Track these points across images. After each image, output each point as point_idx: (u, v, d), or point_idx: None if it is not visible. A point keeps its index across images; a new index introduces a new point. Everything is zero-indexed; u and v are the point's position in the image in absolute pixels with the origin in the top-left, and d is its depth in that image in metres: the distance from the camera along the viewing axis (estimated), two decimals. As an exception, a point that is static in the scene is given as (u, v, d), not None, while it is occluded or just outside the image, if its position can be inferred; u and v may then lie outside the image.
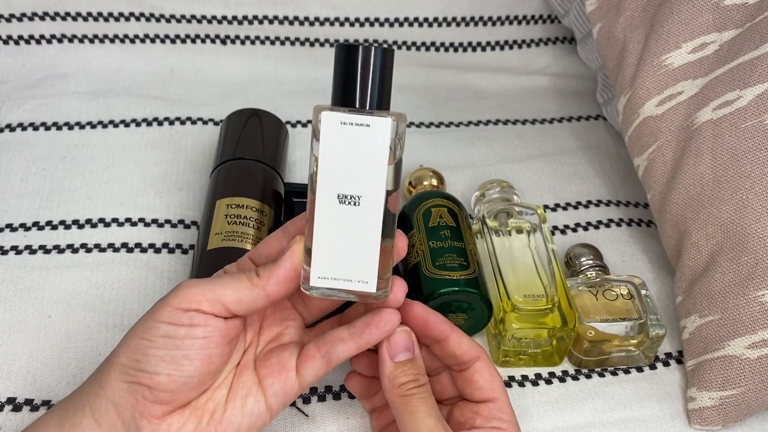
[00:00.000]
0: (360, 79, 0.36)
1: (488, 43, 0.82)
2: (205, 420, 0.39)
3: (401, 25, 0.78)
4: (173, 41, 0.77)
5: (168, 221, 0.61)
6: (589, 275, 0.57)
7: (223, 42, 0.78)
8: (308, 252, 0.39)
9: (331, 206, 0.37)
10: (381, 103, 0.37)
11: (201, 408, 0.40)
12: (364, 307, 0.44)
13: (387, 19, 0.78)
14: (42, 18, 0.74)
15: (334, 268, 0.38)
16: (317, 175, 0.37)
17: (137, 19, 0.75)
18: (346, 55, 0.37)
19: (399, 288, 0.41)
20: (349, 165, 0.36)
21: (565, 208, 0.68)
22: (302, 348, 0.42)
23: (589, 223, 0.66)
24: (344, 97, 0.37)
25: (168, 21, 0.76)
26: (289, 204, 0.60)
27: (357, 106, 0.37)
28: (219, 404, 0.40)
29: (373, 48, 0.36)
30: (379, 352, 0.42)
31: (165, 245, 0.59)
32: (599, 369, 0.54)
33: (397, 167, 0.38)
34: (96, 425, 0.38)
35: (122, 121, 0.71)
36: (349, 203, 0.37)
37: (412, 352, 0.42)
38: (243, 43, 0.78)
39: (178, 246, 0.59)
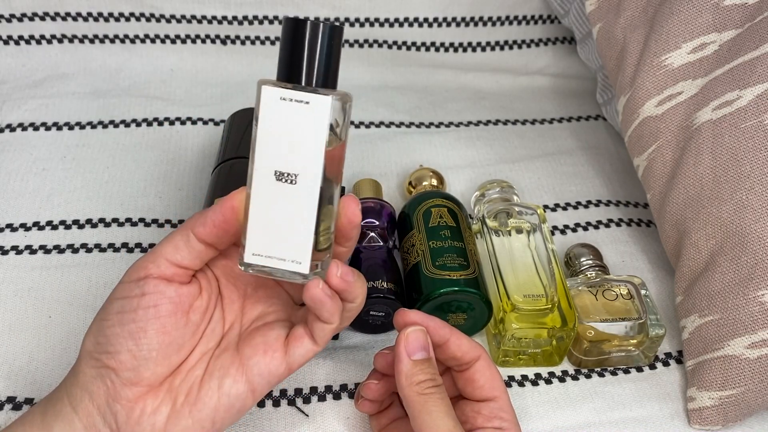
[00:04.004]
0: (306, 55, 0.35)
1: (488, 44, 0.82)
2: (180, 400, 0.39)
3: (401, 25, 0.78)
4: (173, 41, 0.77)
5: (168, 221, 0.61)
6: (588, 275, 0.57)
7: (223, 42, 0.78)
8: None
9: (267, 182, 0.36)
10: (326, 82, 0.36)
11: (176, 389, 0.39)
12: None
13: (387, 19, 0.78)
14: (42, 18, 0.74)
15: (268, 246, 0.37)
16: (254, 151, 0.36)
17: (137, 19, 0.75)
18: (294, 28, 0.35)
19: (333, 268, 0.39)
20: (287, 142, 0.35)
21: (564, 208, 0.68)
22: (291, 327, 0.41)
23: (588, 223, 0.66)
24: (288, 73, 0.36)
25: (168, 21, 0.76)
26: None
27: (301, 83, 0.35)
28: (194, 384, 0.39)
29: (321, 24, 0.35)
30: (396, 349, 0.42)
31: (165, 245, 0.59)
32: (599, 369, 0.54)
33: (340, 148, 0.37)
34: (73, 413, 0.38)
35: (122, 121, 0.71)
36: (286, 181, 0.36)
37: (428, 352, 0.42)
38: (243, 43, 0.78)
39: (178, 246, 0.59)
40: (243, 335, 0.41)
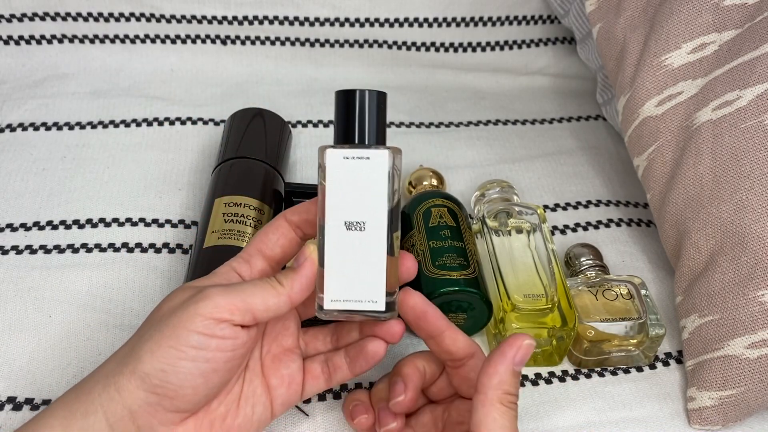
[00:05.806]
0: (358, 119, 0.41)
1: (488, 44, 0.82)
2: (217, 425, 0.40)
3: (401, 25, 0.78)
4: (173, 41, 0.77)
5: (168, 221, 0.61)
6: (588, 275, 0.57)
7: (223, 42, 0.78)
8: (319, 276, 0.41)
9: (339, 233, 0.40)
10: (378, 139, 0.41)
11: (213, 412, 0.40)
12: (358, 325, 0.46)
13: (387, 19, 0.78)
14: (42, 18, 0.74)
15: (344, 291, 0.41)
16: (325, 206, 0.40)
17: (137, 19, 0.75)
18: (345, 99, 0.41)
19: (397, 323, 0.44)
20: (353, 194, 0.40)
21: (564, 208, 0.68)
22: (305, 360, 0.45)
23: (588, 223, 0.66)
24: (345, 136, 0.41)
25: (168, 21, 0.76)
26: (289, 204, 0.60)
27: (357, 142, 0.41)
28: (230, 409, 0.41)
29: (367, 92, 0.41)
30: (502, 348, 0.40)
31: (165, 245, 0.59)
32: (599, 369, 0.54)
33: (395, 195, 0.41)
34: (109, 430, 0.37)
35: (122, 121, 0.71)
36: (355, 229, 0.40)
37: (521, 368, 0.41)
38: (243, 43, 0.78)
39: (179, 246, 0.59)
40: (266, 361, 0.44)
